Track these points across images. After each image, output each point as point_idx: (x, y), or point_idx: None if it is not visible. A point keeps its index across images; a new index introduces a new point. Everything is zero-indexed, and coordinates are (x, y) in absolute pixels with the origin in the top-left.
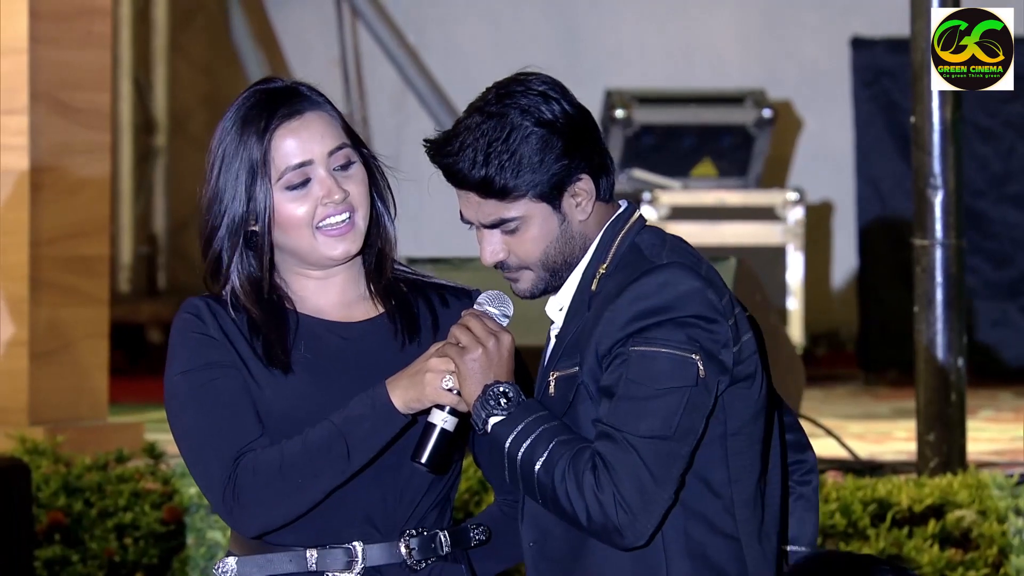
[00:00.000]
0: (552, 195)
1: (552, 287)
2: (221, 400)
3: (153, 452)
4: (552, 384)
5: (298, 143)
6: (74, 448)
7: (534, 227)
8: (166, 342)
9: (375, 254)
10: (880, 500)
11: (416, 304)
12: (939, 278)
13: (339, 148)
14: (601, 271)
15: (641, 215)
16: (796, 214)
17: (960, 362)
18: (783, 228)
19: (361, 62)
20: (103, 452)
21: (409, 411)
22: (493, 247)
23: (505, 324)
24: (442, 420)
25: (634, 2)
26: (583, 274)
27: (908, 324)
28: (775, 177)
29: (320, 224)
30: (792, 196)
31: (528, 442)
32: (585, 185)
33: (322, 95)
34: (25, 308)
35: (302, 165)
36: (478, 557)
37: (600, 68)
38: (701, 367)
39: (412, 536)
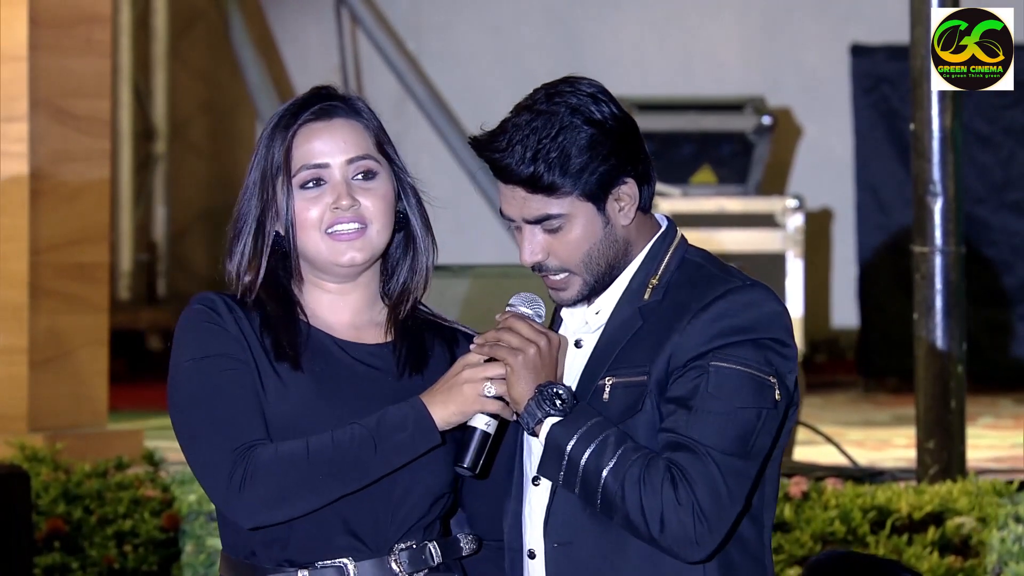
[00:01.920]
0: (597, 195)
1: (596, 291)
2: (233, 391)
3: (152, 459)
4: (607, 389)
5: (320, 144)
6: (74, 455)
7: (578, 227)
8: (166, 349)
9: (400, 287)
10: (880, 507)
11: (427, 340)
12: (939, 285)
13: (361, 158)
14: (653, 282)
15: (683, 234)
16: (796, 221)
17: (960, 369)
18: (783, 235)
19: (361, 69)
20: (103, 459)
21: (447, 427)
22: (534, 246)
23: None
24: (484, 423)
25: (634, 9)
26: (629, 283)
27: (908, 331)
28: (775, 184)
29: (329, 230)
30: (792, 203)
31: (594, 446)
32: (630, 189)
33: (369, 110)
34: (25, 315)
35: (318, 167)
36: (473, 566)
37: (600, 75)
38: (777, 390)
39: (402, 550)
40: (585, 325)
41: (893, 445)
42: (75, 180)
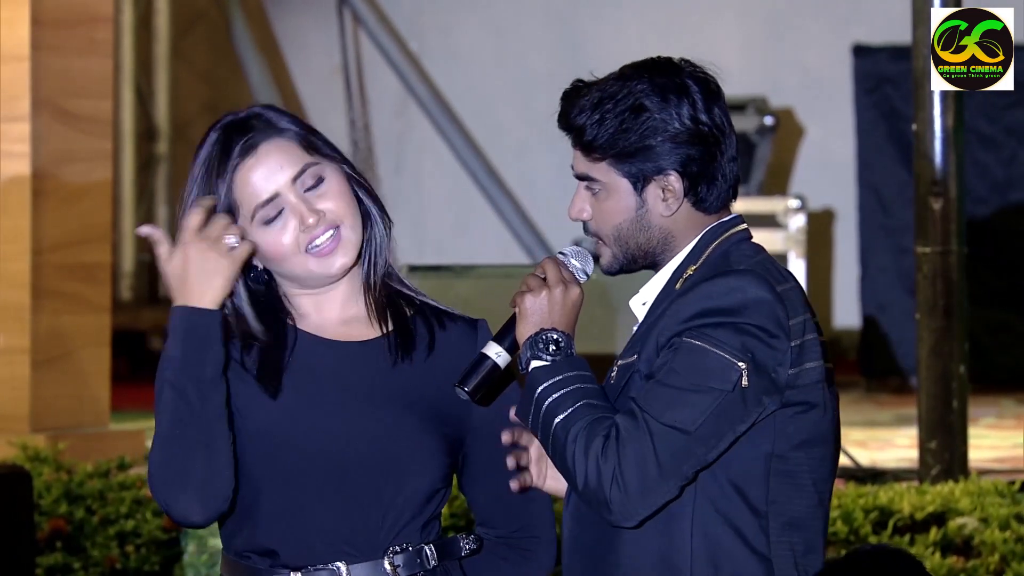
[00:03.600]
0: (635, 176)
1: (628, 270)
2: None
3: None
4: (615, 371)
5: (260, 179)
6: (76, 455)
7: (612, 199)
8: None
9: (369, 264)
10: (882, 507)
11: (415, 325)
12: (940, 285)
13: (302, 171)
14: (689, 272)
15: (746, 228)
16: (798, 221)
17: (962, 369)
18: (785, 235)
19: (363, 69)
20: (105, 459)
21: (215, 304)
22: (579, 204)
23: (583, 280)
24: (495, 354)
25: (636, 10)
26: (672, 274)
27: (910, 331)
28: (777, 184)
29: (309, 248)
30: (794, 203)
31: (559, 394)
32: (676, 183)
33: (282, 116)
34: (27, 315)
35: (270, 200)
36: (474, 569)
37: (601, 76)
38: (745, 377)
39: (396, 553)
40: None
41: (895, 445)
42: (77, 180)
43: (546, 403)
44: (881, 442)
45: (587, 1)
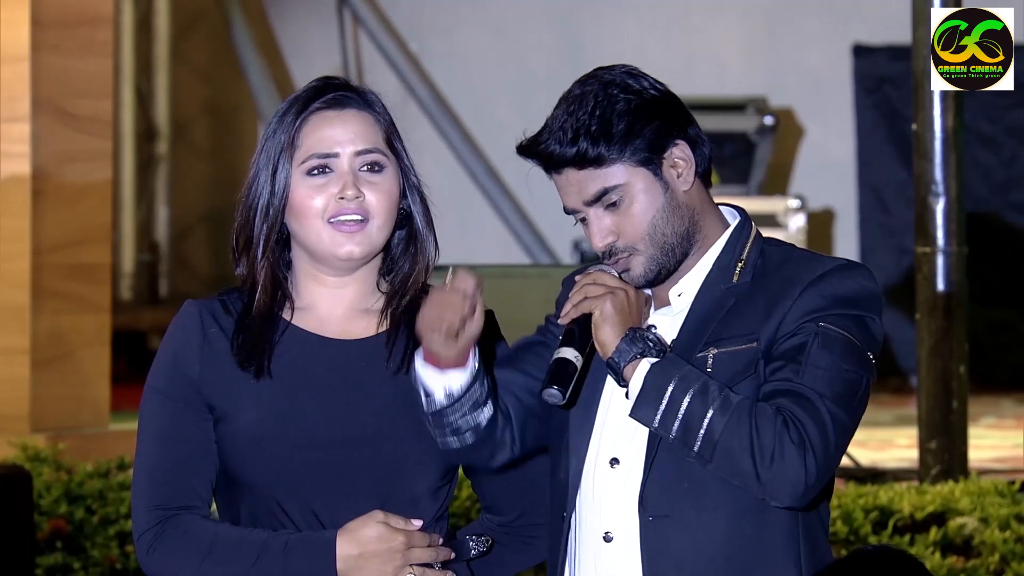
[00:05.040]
0: (650, 160)
1: (666, 268)
2: (184, 442)
3: None
4: (711, 360)
5: (331, 133)
6: (76, 455)
7: (638, 196)
8: None
9: (399, 283)
10: (882, 507)
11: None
12: (941, 285)
13: (370, 151)
14: (740, 266)
15: (756, 227)
16: (798, 221)
17: (962, 369)
18: (785, 236)
19: (363, 70)
20: (105, 459)
21: None
22: (602, 228)
23: None
24: (574, 357)
25: (636, 10)
26: (713, 266)
27: (910, 331)
28: (777, 184)
29: (332, 219)
30: (794, 203)
31: (696, 387)
32: (682, 152)
33: (382, 104)
34: (27, 316)
35: (327, 156)
36: (481, 569)
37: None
38: (874, 366)
39: None
40: (663, 307)
41: (895, 445)
42: (77, 181)
43: (687, 400)
44: (881, 442)
45: (587, 1)
